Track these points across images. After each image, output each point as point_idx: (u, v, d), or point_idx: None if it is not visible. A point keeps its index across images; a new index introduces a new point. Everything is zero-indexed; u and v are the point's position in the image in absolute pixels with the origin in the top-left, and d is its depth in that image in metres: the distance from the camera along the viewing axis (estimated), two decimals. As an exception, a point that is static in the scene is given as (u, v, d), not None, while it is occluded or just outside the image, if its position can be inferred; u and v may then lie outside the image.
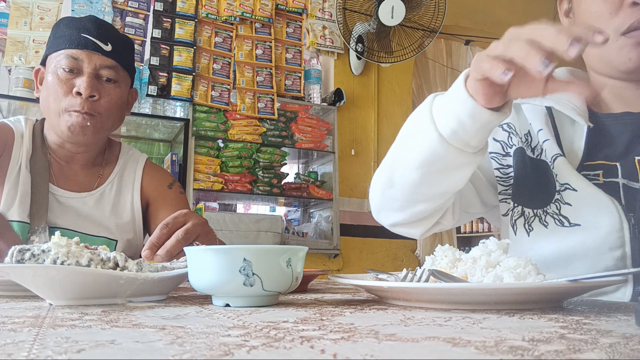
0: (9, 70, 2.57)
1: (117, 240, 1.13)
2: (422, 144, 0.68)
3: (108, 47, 1.07)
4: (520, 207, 0.82)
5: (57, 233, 0.62)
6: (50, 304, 0.56)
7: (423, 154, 0.69)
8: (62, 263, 0.57)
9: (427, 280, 0.57)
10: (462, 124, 0.63)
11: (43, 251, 0.58)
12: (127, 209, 1.17)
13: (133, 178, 1.20)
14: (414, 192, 0.76)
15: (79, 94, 1.03)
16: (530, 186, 0.81)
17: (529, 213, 0.81)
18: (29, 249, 0.58)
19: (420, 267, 0.63)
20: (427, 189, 0.75)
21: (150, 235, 1.19)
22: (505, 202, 0.85)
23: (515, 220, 0.83)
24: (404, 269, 0.68)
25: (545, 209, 0.78)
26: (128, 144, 1.32)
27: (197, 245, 0.75)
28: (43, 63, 1.11)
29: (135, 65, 2.83)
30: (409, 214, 0.81)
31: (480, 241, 0.61)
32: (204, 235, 0.80)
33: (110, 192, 1.16)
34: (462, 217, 0.91)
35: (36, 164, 1.10)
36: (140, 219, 1.18)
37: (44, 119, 1.15)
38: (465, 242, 5.82)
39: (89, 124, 1.05)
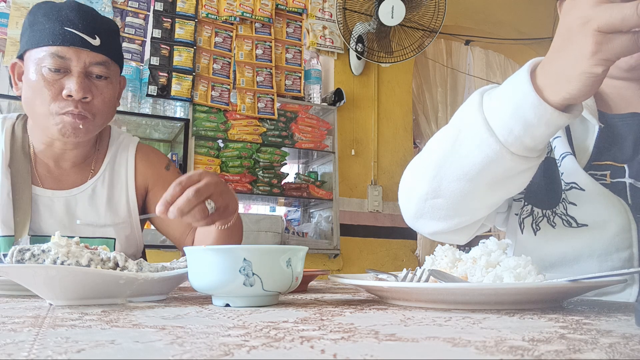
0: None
1: (115, 239, 1.07)
2: (478, 154, 0.62)
3: (96, 41, 0.97)
4: (530, 207, 0.81)
5: (57, 233, 0.62)
6: (50, 304, 0.56)
7: (478, 165, 0.63)
8: (62, 263, 0.57)
9: (427, 280, 0.57)
10: (531, 130, 0.56)
11: (43, 251, 0.58)
12: (123, 203, 1.09)
13: (125, 168, 1.11)
14: (466, 203, 0.70)
15: (69, 96, 0.95)
16: (540, 185, 0.80)
17: (537, 213, 0.80)
18: (29, 249, 0.58)
19: (420, 267, 0.63)
20: (481, 199, 0.69)
21: (152, 223, 1.16)
22: (519, 200, 0.85)
23: (523, 219, 0.82)
24: (404, 269, 0.68)
25: (554, 209, 0.78)
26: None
27: (210, 204, 0.75)
28: (20, 56, 1.00)
29: (136, 65, 2.79)
30: (455, 223, 0.75)
31: (480, 241, 0.61)
32: (218, 194, 0.78)
33: (102, 187, 1.08)
34: (492, 217, 0.87)
35: (17, 168, 1.01)
36: (137, 213, 1.11)
37: (25, 116, 1.07)
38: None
39: (81, 126, 0.97)
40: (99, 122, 1.01)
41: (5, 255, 0.97)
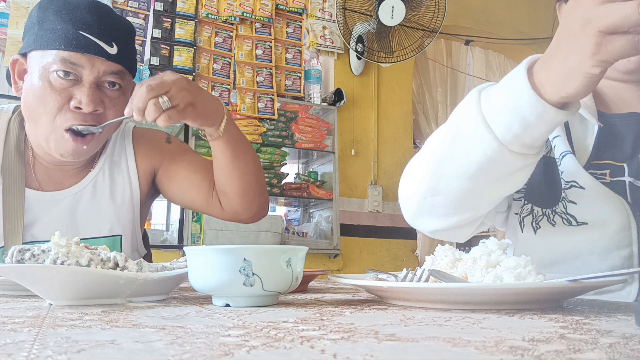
0: (9, 70, 2.57)
1: (121, 235, 1.01)
2: (476, 152, 0.62)
3: (113, 50, 0.89)
4: (530, 205, 0.82)
5: (57, 233, 0.62)
6: (50, 304, 0.56)
7: (476, 162, 0.63)
8: (62, 263, 0.57)
9: (427, 280, 0.57)
10: (529, 128, 0.57)
11: (43, 251, 0.59)
12: (126, 195, 1.03)
13: (125, 159, 1.05)
14: (465, 200, 0.70)
15: (78, 108, 0.87)
16: (540, 184, 0.81)
17: (537, 212, 0.80)
18: (28, 249, 0.58)
19: (420, 267, 0.63)
20: (480, 196, 0.69)
21: (171, 198, 1.10)
22: (519, 200, 0.85)
23: (523, 218, 0.83)
24: (404, 269, 0.68)
25: (554, 208, 0.78)
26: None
27: (162, 98, 0.77)
28: (23, 53, 0.91)
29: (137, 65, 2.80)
30: (455, 220, 0.74)
31: (480, 241, 0.61)
32: (177, 90, 0.79)
33: (103, 180, 1.02)
34: (492, 216, 0.88)
35: (9, 173, 0.94)
36: (138, 205, 1.05)
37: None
38: (465, 242, 5.81)
39: (84, 147, 0.90)
40: (104, 136, 0.95)
41: None
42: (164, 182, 1.08)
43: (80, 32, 0.86)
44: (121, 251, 0.98)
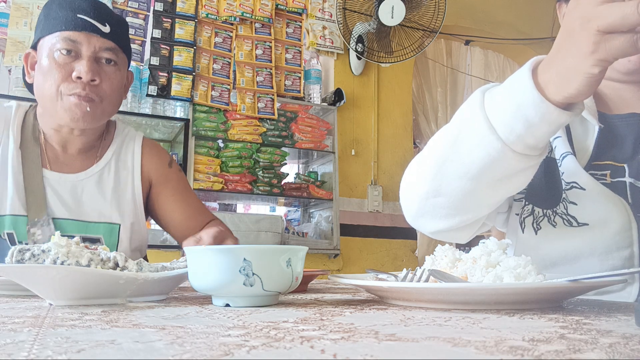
0: (9, 70, 2.57)
1: (120, 224, 1.10)
2: (478, 152, 0.62)
3: (106, 29, 1.03)
4: (530, 206, 0.82)
5: (57, 233, 0.62)
6: (50, 304, 0.56)
7: (479, 163, 0.62)
8: (62, 263, 0.57)
9: (427, 280, 0.57)
10: (532, 128, 0.56)
11: (43, 251, 0.58)
12: (128, 191, 1.13)
13: (132, 158, 1.16)
14: (467, 201, 0.70)
15: (79, 78, 0.99)
16: (541, 185, 0.80)
17: (538, 212, 0.80)
18: (29, 249, 0.58)
19: (420, 267, 0.63)
20: (482, 197, 0.69)
21: (153, 218, 1.20)
22: (519, 200, 0.85)
23: (524, 219, 0.83)
24: (404, 269, 0.68)
25: (554, 209, 0.78)
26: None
27: None
28: (34, 47, 1.06)
29: (136, 65, 2.79)
30: (456, 222, 0.74)
31: (480, 241, 0.61)
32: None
33: (108, 174, 1.12)
34: (493, 217, 0.88)
35: (27, 152, 1.06)
36: (141, 201, 1.14)
37: (37, 105, 1.11)
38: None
39: (88, 109, 1.00)
40: (106, 107, 1.05)
41: (9, 235, 0.99)
42: (153, 201, 1.19)
43: (78, 15, 1.01)
44: (119, 241, 1.08)
